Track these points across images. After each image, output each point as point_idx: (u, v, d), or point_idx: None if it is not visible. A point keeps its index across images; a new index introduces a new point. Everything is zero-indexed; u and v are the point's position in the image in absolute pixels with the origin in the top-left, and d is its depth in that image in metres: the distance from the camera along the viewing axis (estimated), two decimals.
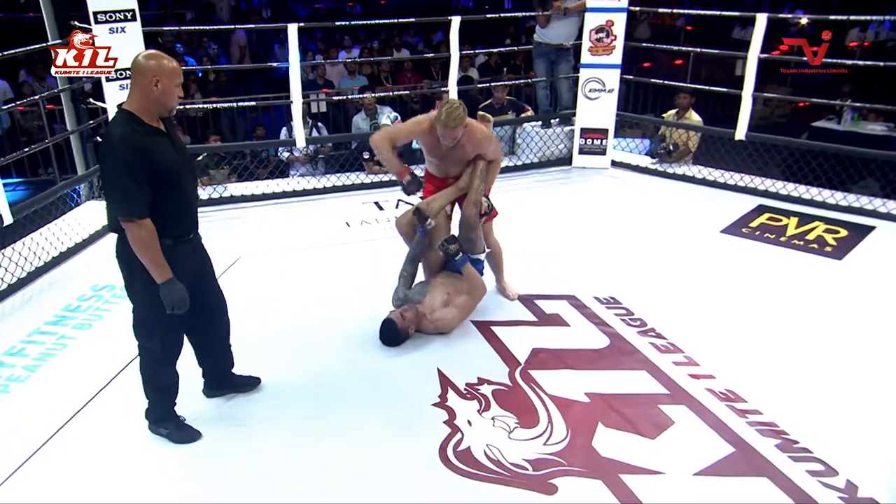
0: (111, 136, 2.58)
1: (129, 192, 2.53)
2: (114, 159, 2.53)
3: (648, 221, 5.31)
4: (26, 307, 4.15)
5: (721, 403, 3.21)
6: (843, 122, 8.39)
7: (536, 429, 3.09)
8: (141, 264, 2.64)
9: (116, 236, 2.71)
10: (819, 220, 5.21)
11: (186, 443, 3.02)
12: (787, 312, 4.01)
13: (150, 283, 2.67)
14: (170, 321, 2.79)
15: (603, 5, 5.94)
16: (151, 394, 2.99)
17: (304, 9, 20.50)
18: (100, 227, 5.04)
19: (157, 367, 2.92)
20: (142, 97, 2.59)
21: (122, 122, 2.58)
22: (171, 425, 3.03)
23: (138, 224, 2.56)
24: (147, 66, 2.57)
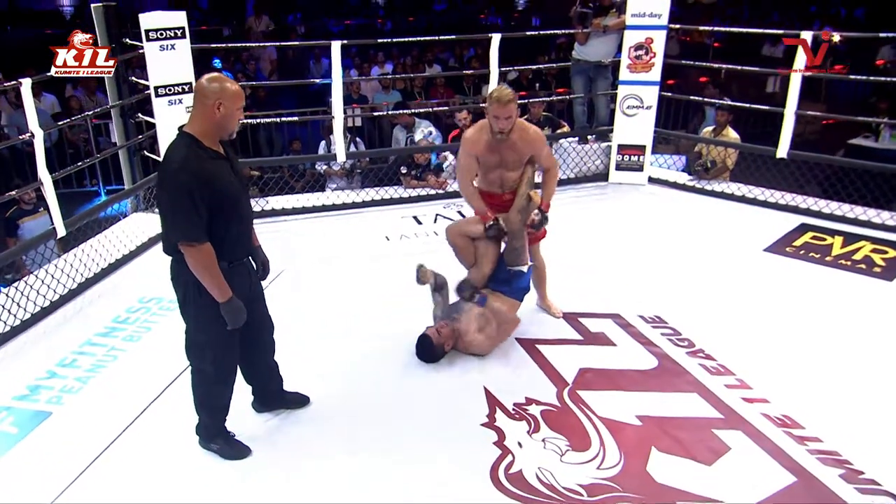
0: (172, 159, 2.51)
1: (188, 217, 2.46)
2: (175, 183, 2.47)
3: (688, 239, 5.16)
4: (77, 318, 4.11)
5: (778, 429, 3.06)
6: (882, 140, 8.17)
7: (588, 452, 2.97)
8: (195, 287, 2.60)
9: (171, 259, 2.65)
10: (865, 240, 5.03)
11: (237, 459, 2.95)
12: (837, 335, 3.84)
13: (204, 305, 2.63)
14: (223, 343, 2.75)
15: (642, 23, 5.82)
16: (203, 412, 2.93)
17: (336, 25, 20.65)
18: (146, 240, 5.02)
19: (210, 388, 2.87)
20: (204, 120, 2.54)
21: (184, 145, 2.52)
22: (221, 441, 2.97)
23: (197, 248, 2.51)
24: (210, 90, 2.51)
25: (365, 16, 22.67)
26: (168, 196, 2.51)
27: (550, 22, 20.53)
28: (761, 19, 19.73)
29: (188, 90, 5.02)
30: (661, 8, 5.76)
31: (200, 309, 2.65)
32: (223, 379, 2.86)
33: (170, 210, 2.53)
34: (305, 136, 9.04)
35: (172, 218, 2.52)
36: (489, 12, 22.90)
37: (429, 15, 23.06)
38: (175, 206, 2.49)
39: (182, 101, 5.01)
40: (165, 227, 2.58)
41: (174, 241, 2.53)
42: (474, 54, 14.27)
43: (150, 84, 4.88)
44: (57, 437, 3.09)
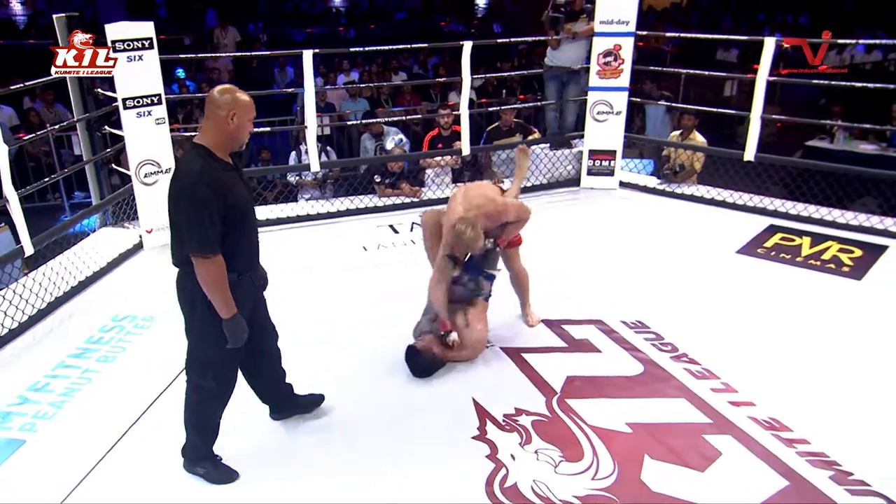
0: (187, 171, 2.45)
1: (204, 229, 2.40)
2: (192, 196, 2.40)
3: (662, 242, 5.15)
4: (48, 339, 3.91)
5: (766, 433, 3.04)
6: (837, 142, 8.32)
7: (582, 462, 2.91)
8: (203, 301, 2.52)
9: (178, 272, 2.59)
10: (832, 240, 5.08)
11: (224, 483, 2.83)
12: (816, 335, 3.86)
13: (210, 320, 2.55)
14: (227, 359, 2.68)
15: (610, 30, 5.81)
16: (195, 433, 2.81)
17: (298, 34, 20.44)
18: (116, 255, 4.83)
19: (208, 406, 2.76)
20: (217, 132, 2.49)
21: (198, 157, 2.46)
22: (208, 465, 2.85)
23: (211, 260, 2.45)
24: (223, 101, 2.47)
25: (327, 24, 22.52)
26: (184, 208, 2.43)
27: (511, 28, 20.73)
28: (711, 26, 20.09)
29: (157, 102, 4.85)
30: (629, 15, 5.76)
31: (209, 324, 2.56)
32: (221, 394, 2.77)
33: (185, 222, 2.45)
34: (274, 145, 8.86)
35: (188, 230, 2.44)
36: (451, 20, 22.91)
37: (391, 23, 22.99)
38: (192, 219, 2.42)
39: (151, 112, 4.83)
40: (179, 238, 2.50)
41: (188, 254, 2.46)
42: (439, 61, 14.26)
43: (118, 96, 4.69)
44: (32, 467, 2.92)
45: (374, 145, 6.82)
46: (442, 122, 6.33)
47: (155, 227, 5.05)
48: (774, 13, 21.51)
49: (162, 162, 4.97)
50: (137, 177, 4.89)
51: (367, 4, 25.07)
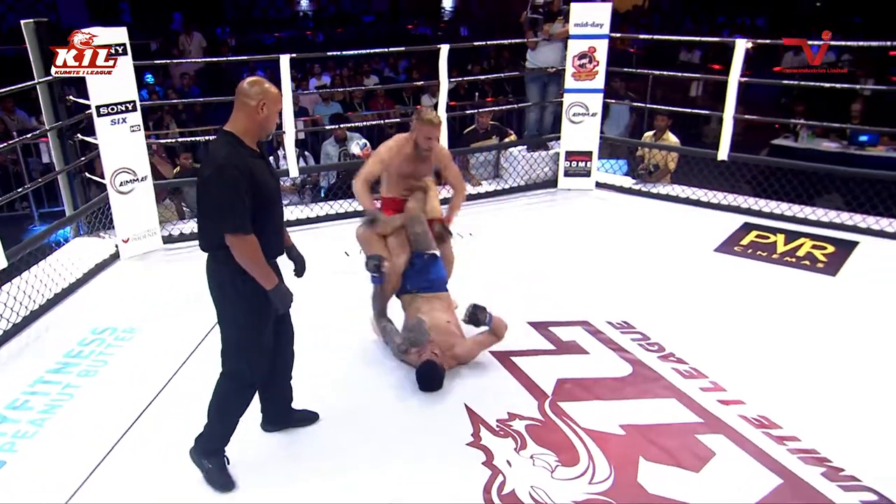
0: (216, 155, 2.49)
1: (235, 208, 2.45)
2: (223, 177, 2.44)
3: (641, 242, 5.16)
4: (25, 354, 3.75)
5: (757, 431, 3.04)
6: (801, 140, 8.44)
7: (578, 466, 2.87)
8: (233, 285, 2.57)
9: (208, 258, 2.61)
10: (805, 237, 5.14)
11: (219, 489, 2.76)
12: (797, 332, 3.88)
13: (240, 304, 2.61)
14: (260, 343, 2.70)
15: (585, 33, 5.80)
16: (217, 423, 2.76)
17: (267, 38, 20.18)
18: (93, 266, 4.67)
19: (239, 395, 2.75)
20: (247, 120, 2.54)
21: (227, 143, 2.51)
22: (215, 462, 2.78)
23: (245, 238, 2.48)
24: (254, 91, 2.52)
25: (294, 28, 22.28)
26: (216, 190, 2.46)
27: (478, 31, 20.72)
28: (674, 28, 20.33)
29: (132, 108, 4.70)
30: (603, 17, 5.76)
31: (240, 306, 2.61)
32: (253, 384, 2.77)
33: (217, 203, 2.47)
34: None
35: (220, 211, 2.46)
36: (418, 23, 22.83)
37: (359, 26, 22.84)
38: (223, 199, 2.45)
39: (126, 120, 4.68)
40: (209, 222, 2.53)
41: (222, 234, 2.47)
42: (408, 65, 14.17)
43: (91, 103, 4.53)
44: (13, 489, 2.78)
45: (336, 151, 6.73)
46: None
47: (132, 236, 4.90)
48: (733, 15, 21.83)
49: (137, 170, 4.83)
50: (113, 185, 4.74)
51: (333, 9, 24.85)
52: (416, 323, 3.55)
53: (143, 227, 4.96)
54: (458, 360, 3.57)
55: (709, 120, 11.35)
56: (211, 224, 2.53)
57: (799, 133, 8.48)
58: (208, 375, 3.33)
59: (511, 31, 20.04)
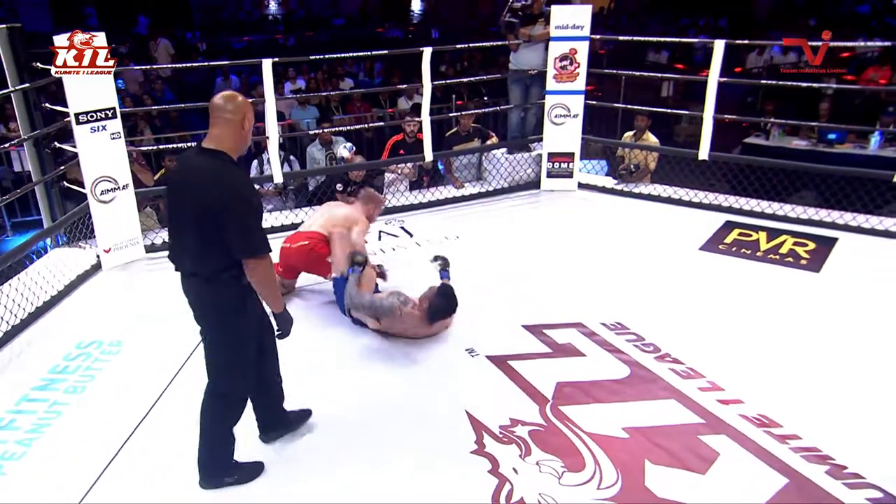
0: (232, 178, 2.41)
1: (259, 232, 2.45)
2: (243, 200, 2.40)
3: (627, 242, 5.13)
4: (8, 371, 3.58)
5: (758, 430, 3.01)
6: (772, 139, 8.52)
7: (585, 472, 2.82)
8: (234, 307, 2.52)
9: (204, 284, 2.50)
10: (786, 234, 5.16)
11: (256, 477, 2.79)
12: (788, 329, 3.88)
13: (240, 325, 2.57)
14: (250, 360, 2.68)
15: (566, 34, 5.77)
16: (219, 446, 2.71)
17: (237, 42, 19.89)
18: (74, 278, 4.49)
19: (233, 411, 2.70)
20: (233, 137, 2.44)
21: (230, 162, 2.44)
22: (234, 472, 2.77)
23: (266, 260, 2.46)
24: (236, 105, 2.44)
25: (264, 32, 22.00)
26: (243, 213, 2.39)
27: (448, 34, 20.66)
28: (639, 29, 20.50)
29: (112, 115, 4.54)
30: (584, 19, 5.73)
31: (239, 329, 2.57)
32: (246, 397, 2.77)
33: (244, 226, 2.40)
34: None
35: (243, 234, 2.40)
36: (389, 26, 22.69)
37: (330, 29, 22.62)
38: (251, 222, 2.43)
39: (106, 127, 4.51)
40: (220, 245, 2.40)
41: (245, 257, 2.42)
42: (382, 67, 14.06)
43: (70, 111, 4.36)
44: None
45: (323, 154, 6.60)
46: (408, 129, 6.17)
47: (113, 245, 4.74)
48: (695, 17, 22.09)
49: (119, 178, 4.66)
50: (93, 194, 4.57)
51: (303, 12, 24.59)
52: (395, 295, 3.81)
53: (124, 236, 4.79)
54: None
55: (680, 119, 11.47)
56: (218, 250, 2.40)
57: (770, 131, 8.57)
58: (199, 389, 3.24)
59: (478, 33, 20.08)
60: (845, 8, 21.91)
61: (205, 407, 2.67)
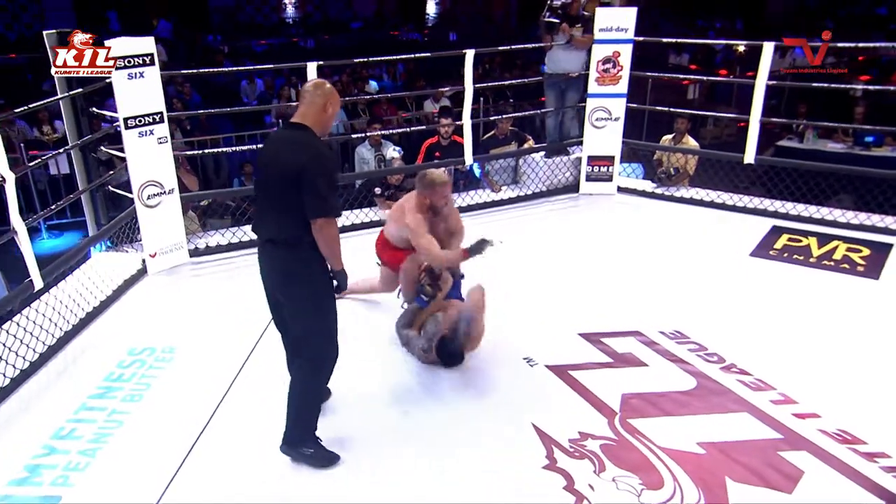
0: (314, 145, 2.57)
1: (333, 195, 2.57)
2: (327, 165, 2.58)
3: (673, 247, 4.98)
4: (63, 380, 3.48)
5: (842, 447, 2.87)
6: (807, 141, 8.35)
7: (664, 490, 2.68)
8: (312, 272, 2.64)
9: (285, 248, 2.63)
10: (837, 240, 4.99)
11: (328, 466, 2.79)
12: (855, 337, 3.74)
13: (320, 291, 2.69)
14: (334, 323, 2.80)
15: (610, 37, 5.63)
16: (306, 409, 2.78)
17: (258, 45, 19.88)
18: (121, 283, 4.40)
19: (321, 375, 2.81)
20: (316, 117, 2.62)
21: (313, 134, 2.60)
22: (314, 445, 2.80)
23: (334, 222, 2.59)
24: (323, 91, 2.64)
25: (282, 35, 21.99)
26: (320, 176, 2.52)
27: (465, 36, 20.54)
28: (653, 30, 20.29)
29: (159, 120, 4.44)
30: (628, 22, 5.59)
31: (322, 291, 2.70)
32: (335, 356, 2.82)
33: (319, 186, 2.51)
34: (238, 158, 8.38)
35: (321, 196, 2.52)
36: (408, 28, 22.60)
37: (348, 33, 22.55)
38: (327, 186, 2.54)
39: (153, 132, 4.41)
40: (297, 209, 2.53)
41: (317, 216, 2.53)
42: (404, 70, 13.96)
43: (119, 115, 4.26)
44: None
45: (373, 155, 6.48)
46: (442, 131, 6.03)
47: (159, 250, 4.64)
48: (712, 19, 21.90)
49: (165, 182, 4.56)
50: (140, 199, 4.47)
51: (319, 16, 24.53)
52: (430, 322, 3.54)
53: (170, 240, 4.69)
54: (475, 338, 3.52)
55: (706, 122, 11.30)
56: (295, 214, 2.53)
57: (805, 134, 8.39)
58: (260, 394, 3.22)
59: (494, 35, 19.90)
60: (862, 9, 21.66)
61: (294, 373, 2.78)
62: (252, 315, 3.99)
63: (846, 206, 5.95)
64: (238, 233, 5.12)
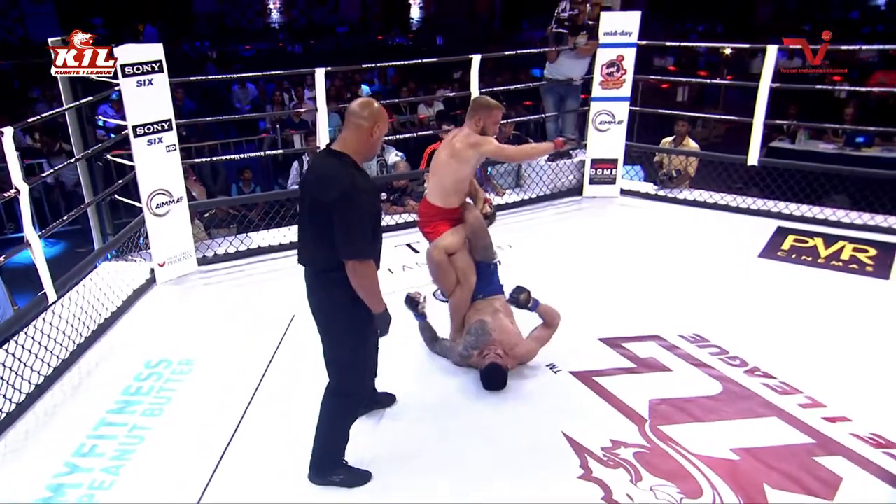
0: (348, 179, 2.35)
1: (364, 235, 2.38)
2: (357, 203, 2.35)
3: (682, 249, 4.93)
4: (79, 394, 3.35)
5: (877, 451, 2.82)
6: (799, 142, 8.36)
7: (704, 498, 2.62)
8: (347, 308, 2.47)
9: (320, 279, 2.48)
10: (843, 240, 4.97)
11: (361, 485, 2.69)
12: (875, 338, 3.70)
13: (351, 322, 2.52)
14: (367, 360, 2.74)
15: (614, 41, 5.57)
16: (333, 443, 2.67)
17: (246, 50, 19.69)
18: (130, 293, 4.26)
19: (352, 410, 2.67)
20: (359, 142, 2.43)
21: (345, 164, 2.39)
22: (344, 470, 2.70)
23: (366, 264, 2.41)
24: (370, 112, 2.43)
25: (269, 40, 21.81)
26: (346, 215, 2.34)
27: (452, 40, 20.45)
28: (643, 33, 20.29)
29: (168, 128, 4.31)
30: (632, 26, 5.54)
31: (353, 328, 2.53)
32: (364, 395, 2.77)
33: (346, 228, 2.35)
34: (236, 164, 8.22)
35: (349, 236, 2.36)
36: (394, 33, 22.49)
37: (335, 37, 22.40)
38: (355, 225, 2.36)
39: (162, 139, 4.28)
40: (329, 243, 2.38)
41: (345, 258, 2.38)
42: (394, 73, 13.84)
43: (128, 123, 4.12)
44: None
45: (375, 161, 6.37)
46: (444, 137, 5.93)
47: (168, 259, 4.51)
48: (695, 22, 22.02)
49: (173, 191, 4.43)
50: (149, 208, 4.34)
51: (304, 20, 24.34)
52: (479, 325, 3.35)
53: (178, 249, 4.56)
54: (519, 359, 3.42)
55: (695, 124, 11.31)
56: (328, 247, 2.39)
57: (797, 135, 8.40)
58: (282, 407, 3.15)
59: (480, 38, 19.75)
60: (837, 13, 21.91)
61: (325, 404, 2.64)
62: (266, 324, 3.92)
63: (842, 206, 5.95)
64: (246, 240, 5.00)
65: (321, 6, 24.41)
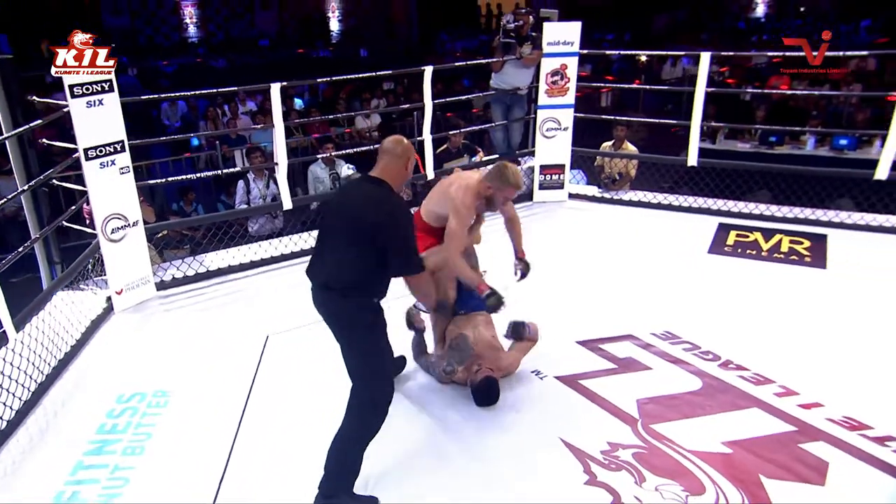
0: (391, 200, 2.53)
1: (415, 250, 2.61)
2: (403, 222, 2.51)
3: (636, 249, 4.98)
4: (49, 436, 3.02)
5: (853, 433, 2.90)
6: (719, 142, 8.69)
7: (707, 494, 2.62)
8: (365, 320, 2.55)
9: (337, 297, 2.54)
10: (779, 233, 5.16)
11: None
12: (825, 324, 3.84)
13: (377, 334, 2.62)
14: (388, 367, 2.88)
15: (557, 51, 5.60)
16: (350, 464, 2.54)
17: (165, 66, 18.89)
18: (88, 323, 3.93)
19: (380, 412, 2.58)
20: (396, 174, 2.60)
21: (391, 190, 2.55)
22: (347, 499, 2.54)
23: (420, 275, 2.64)
24: (404, 148, 2.61)
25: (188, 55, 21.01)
26: (402, 236, 2.52)
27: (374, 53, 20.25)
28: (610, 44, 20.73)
29: (120, 149, 4.00)
30: (574, 36, 5.58)
31: (375, 338, 2.62)
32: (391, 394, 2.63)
33: (402, 250, 2.52)
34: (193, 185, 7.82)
35: (407, 256, 2.55)
36: (317, 46, 22.08)
37: (258, 51, 21.80)
38: (408, 244, 2.55)
39: (115, 162, 3.97)
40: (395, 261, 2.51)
41: (410, 274, 2.60)
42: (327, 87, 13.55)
43: (79, 146, 3.79)
44: None
45: (327, 174, 6.17)
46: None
47: (125, 286, 4.19)
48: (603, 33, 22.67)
49: (129, 215, 4.12)
50: (104, 233, 4.01)
51: (222, 35, 23.56)
52: (461, 340, 3.24)
53: (136, 275, 4.25)
54: (503, 371, 3.32)
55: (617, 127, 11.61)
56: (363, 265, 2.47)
57: (717, 136, 8.73)
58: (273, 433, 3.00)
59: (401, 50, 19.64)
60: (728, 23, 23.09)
61: (346, 418, 2.56)
62: (239, 348, 3.71)
63: (765, 200, 6.20)
64: (205, 261, 4.71)
65: (238, 20, 23.68)
